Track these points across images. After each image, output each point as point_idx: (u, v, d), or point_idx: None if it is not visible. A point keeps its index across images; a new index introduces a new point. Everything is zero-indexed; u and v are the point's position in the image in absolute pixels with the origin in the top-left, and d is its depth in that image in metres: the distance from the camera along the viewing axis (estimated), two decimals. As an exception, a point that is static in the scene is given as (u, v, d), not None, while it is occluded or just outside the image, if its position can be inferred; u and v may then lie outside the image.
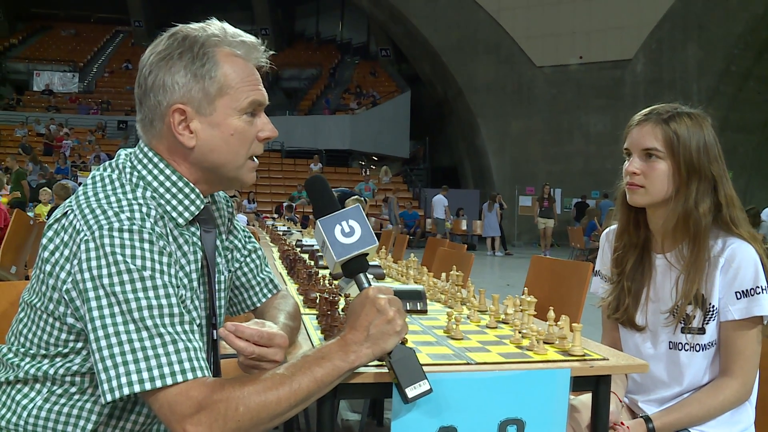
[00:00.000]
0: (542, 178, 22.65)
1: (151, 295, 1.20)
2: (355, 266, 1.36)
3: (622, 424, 1.69)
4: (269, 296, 1.72)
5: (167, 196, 1.37)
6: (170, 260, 1.27)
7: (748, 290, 1.71)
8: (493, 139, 23.92)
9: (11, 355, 1.36)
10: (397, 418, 1.35)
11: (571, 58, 22.70)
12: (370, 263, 3.00)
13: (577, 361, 1.52)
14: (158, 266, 1.23)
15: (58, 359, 1.31)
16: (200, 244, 1.43)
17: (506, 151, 23.85)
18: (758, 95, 20.99)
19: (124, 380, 1.14)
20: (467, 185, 26.45)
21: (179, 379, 1.16)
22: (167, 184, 1.38)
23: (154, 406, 1.18)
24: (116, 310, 1.17)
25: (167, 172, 1.38)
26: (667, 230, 1.81)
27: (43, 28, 40.06)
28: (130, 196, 1.31)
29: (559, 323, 1.66)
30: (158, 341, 1.17)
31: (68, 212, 1.29)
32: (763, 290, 1.70)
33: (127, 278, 1.19)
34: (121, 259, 1.20)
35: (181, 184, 1.39)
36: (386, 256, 3.81)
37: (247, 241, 1.71)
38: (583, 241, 15.77)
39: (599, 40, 22.20)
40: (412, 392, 1.26)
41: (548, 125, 23.21)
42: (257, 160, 1.46)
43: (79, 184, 15.63)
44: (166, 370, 1.16)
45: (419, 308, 2.15)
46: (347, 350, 1.25)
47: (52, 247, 1.28)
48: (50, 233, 1.30)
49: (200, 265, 1.42)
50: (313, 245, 4.73)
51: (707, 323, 1.76)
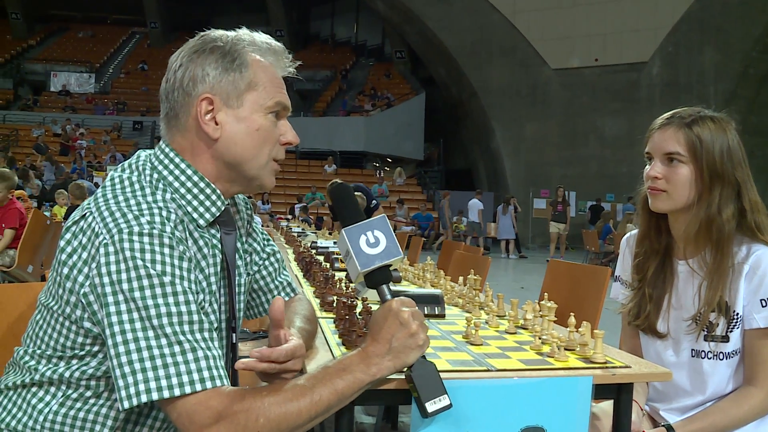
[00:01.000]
0: (557, 181, 22.53)
1: (171, 301, 1.19)
2: (378, 277, 1.34)
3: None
4: (287, 300, 1.71)
5: (188, 197, 1.36)
6: (190, 265, 1.26)
7: None
8: (507, 141, 23.85)
9: (27, 357, 1.36)
10: (416, 425, 1.34)
11: (586, 60, 22.59)
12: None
13: (598, 368, 1.51)
14: (178, 272, 1.22)
15: (74, 362, 1.30)
16: (220, 246, 1.42)
17: (521, 154, 23.77)
18: (776, 99, 20.81)
19: (142, 387, 1.13)
20: (481, 188, 26.35)
21: (198, 387, 1.15)
22: (188, 184, 1.37)
23: (172, 414, 1.16)
24: (135, 316, 1.16)
25: (189, 172, 1.37)
26: (689, 236, 1.79)
27: (60, 29, 40.37)
28: (149, 198, 1.30)
29: (580, 330, 1.64)
30: (177, 348, 1.16)
31: (87, 214, 1.28)
32: None
33: (146, 283, 1.18)
34: (141, 263, 1.19)
35: (202, 184, 1.38)
36: (402, 259, 3.79)
37: (265, 243, 1.70)
38: (597, 244, 15.67)
39: (615, 42, 22.08)
40: (432, 407, 1.25)
41: (563, 128, 23.10)
42: (280, 165, 1.46)
43: (95, 184, 15.73)
44: (185, 378, 1.14)
45: (437, 312, 2.13)
46: (369, 363, 1.25)
47: (69, 249, 1.27)
48: (68, 235, 1.29)
49: (220, 267, 1.41)
50: (328, 247, 4.73)
51: (731, 331, 1.74)
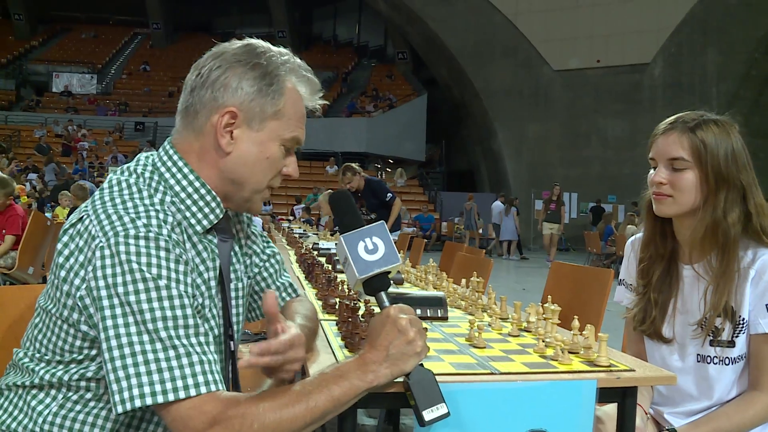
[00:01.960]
0: (559, 182, 22.56)
1: (166, 305, 1.18)
2: (377, 284, 1.33)
3: (648, 436, 1.66)
4: (288, 300, 1.71)
5: (188, 201, 1.35)
6: (186, 268, 1.25)
7: None
8: (509, 143, 23.85)
9: (27, 360, 1.35)
10: (419, 428, 1.33)
11: (588, 61, 22.58)
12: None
13: (603, 371, 1.49)
14: (174, 275, 1.21)
15: (72, 365, 1.29)
16: (217, 252, 1.41)
17: (523, 155, 23.76)
18: (779, 100, 20.79)
19: (136, 392, 1.12)
20: (483, 189, 26.36)
21: (192, 392, 1.14)
22: (189, 189, 1.36)
23: (166, 419, 1.15)
24: (130, 320, 1.15)
25: (191, 177, 1.36)
26: (695, 241, 1.77)
27: (63, 30, 40.41)
28: (147, 201, 1.29)
29: (584, 333, 1.63)
30: (172, 353, 1.15)
31: (84, 217, 1.28)
32: None
33: (142, 287, 1.17)
34: (136, 267, 1.18)
35: (203, 191, 1.37)
36: (404, 260, 3.79)
37: (265, 246, 1.70)
38: (599, 245, 15.65)
39: (617, 43, 22.07)
40: (429, 415, 1.24)
41: (565, 129, 23.10)
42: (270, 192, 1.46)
43: (96, 185, 15.74)
44: (179, 383, 1.13)
45: (440, 315, 2.12)
46: (366, 369, 1.23)
47: (67, 252, 1.26)
48: (65, 238, 1.28)
49: (218, 272, 1.41)
50: (330, 249, 4.72)
51: (737, 336, 1.72)
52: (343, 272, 3.33)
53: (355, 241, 1.32)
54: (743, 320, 1.71)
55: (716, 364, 1.75)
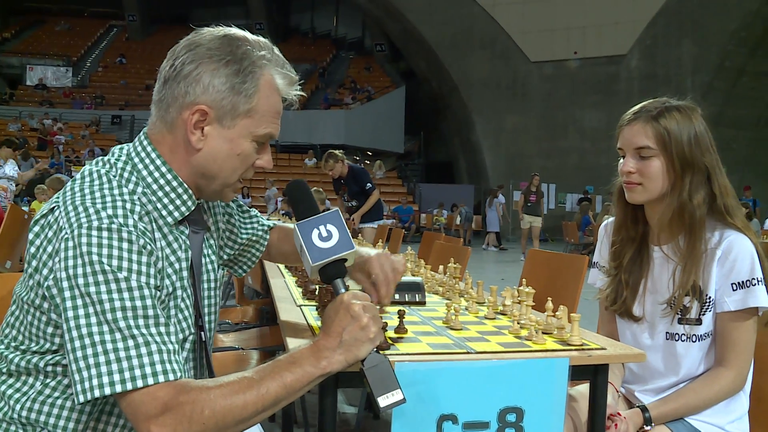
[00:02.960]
0: (537, 173, 22.70)
1: (126, 296, 1.19)
2: (332, 271, 1.35)
3: (619, 414, 1.71)
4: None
5: (159, 193, 1.36)
6: (150, 259, 1.26)
7: (744, 282, 1.73)
8: (487, 134, 23.96)
9: (2, 347, 1.36)
10: (398, 406, 1.37)
11: (566, 53, 22.72)
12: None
13: (575, 350, 1.55)
14: (135, 266, 1.22)
15: (48, 353, 1.31)
16: (188, 243, 1.43)
17: (501, 146, 23.88)
18: (752, 91, 21.04)
19: (95, 382, 1.14)
20: (462, 180, 26.49)
21: (150, 381, 1.15)
22: (161, 181, 1.37)
23: (122, 405, 1.17)
24: (90, 310, 1.17)
25: (163, 169, 1.38)
26: (663, 223, 1.83)
27: (36, 22, 39.89)
28: (116, 191, 1.30)
29: (557, 314, 1.68)
30: (131, 343, 1.16)
31: (54, 208, 1.29)
32: (758, 282, 1.72)
33: (102, 279, 1.18)
34: (96, 259, 1.19)
35: (175, 183, 1.38)
36: (383, 250, 3.82)
37: (247, 214, 1.75)
38: (577, 235, 15.82)
39: (594, 35, 22.23)
40: (384, 401, 1.23)
41: (543, 121, 23.24)
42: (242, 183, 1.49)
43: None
44: (137, 372, 1.15)
45: (418, 300, 2.16)
46: (319, 356, 1.25)
47: (38, 242, 1.28)
48: (36, 228, 1.29)
49: (190, 264, 1.42)
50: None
51: (704, 314, 1.78)
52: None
53: (309, 228, 1.34)
54: (710, 299, 1.77)
55: (684, 341, 1.81)
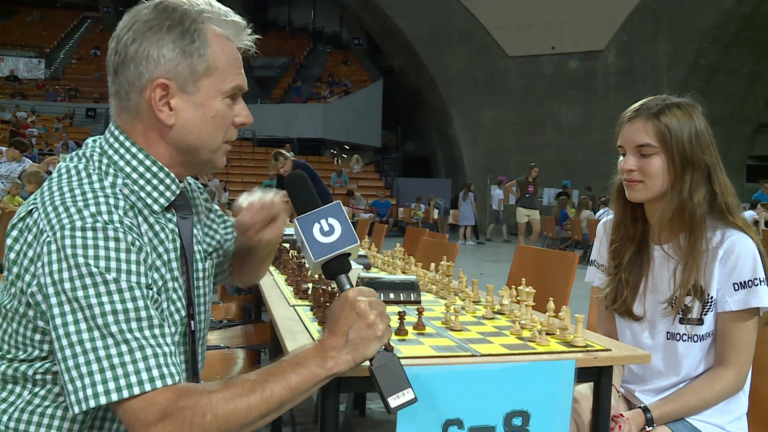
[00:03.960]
0: (514, 168, 22.77)
1: (116, 299, 1.13)
2: (335, 267, 1.28)
3: (621, 415, 1.70)
4: None
5: (141, 182, 1.31)
6: (139, 257, 1.20)
7: (746, 282, 1.72)
8: (465, 129, 24.00)
9: None
10: (403, 410, 1.33)
11: (543, 48, 22.80)
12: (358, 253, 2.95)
13: (580, 352, 1.52)
14: (124, 266, 1.16)
15: (37, 361, 1.25)
16: (178, 231, 1.38)
17: (478, 141, 23.94)
18: (725, 88, 21.29)
19: (90, 392, 1.09)
20: (439, 175, 26.53)
21: (147, 387, 1.10)
22: (140, 169, 1.31)
23: (118, 412, 1.12)
24: (79, 316, 1.11)
25: (140, 156, 1.32)
26: (663, 222, 1.82)
27: (7, 12, 39.10)
28: (96, 186, 1.24)
29: (560, 314, 1.66)
30: (124, 348, 1.11)
31: (33, 210, 1.23)
32: (761, 282, 1.71)
33: (89, 282, 1.12)
34: (82, 261, 1.13)
35: (155, 168, 1.32)
36: (370, 246, 3.79)
37: (225, 218, 1.68)
38: (555, 230, 15.90)
39: (571, 31, 22.32)
40: (394, 401, 1.18)
41: (521, 116, 23.33)
42: (231, 144, 1.42)
43: (48, 173, 15.33)
44: (132, 379, 1.10)
45: (413, 299, 2.13)
46: (325, 356, 1.20)
47: (17, 247, 1.21)
48: (15, 233, 1.23)
49: (179, 253, 1.37)
50: (292, 234, 4.68)
51: (705, 314, 1.77)
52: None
53: (309, 223, 1.28)
54: (711, 298, 1.76)
55: (685, 341, 1.80)
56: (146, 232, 1.28)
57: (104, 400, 1.09)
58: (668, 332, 1.82)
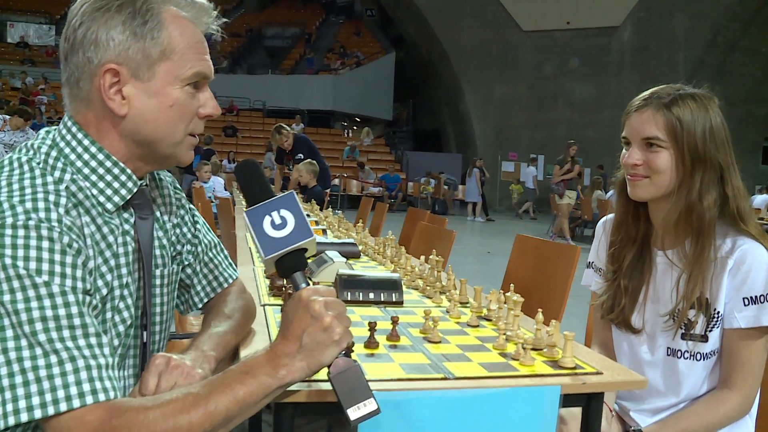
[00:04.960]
0: (525, 144, 22.51)
1: (46, 304, 1.01)
2: (289, 264, 1.16)
3: (613, 440, 1.54)
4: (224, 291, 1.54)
5: (93, 177, 1.19)
6: (76, 260, 1.08)
7: (757, 297, 1.54)
8: (476, 103, 23.70)
9: None
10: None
11: (558, 23, 22.38)
12: (346, 240, 2.80)
13: (567, 375, 1.36)
14: (58, 268, 1.04)
15: None
16: (133, 232, 1.25)
17: (490, 116, 23.65)
18: (743, 67, 20.84)
19: (9, 408, 0.98)
20: (450, 149, 26.29)
21: (76, 404, 0.99)
22: (93, 163, 1.19)
23: (47, 431, 1.01)
24: (5, 322, 1.00)
25: (92, 149, 1.20)
26: (668, 225, 1.64)
27: (17, -23, 38.86)
28: (39, 181, 1.11)
29: (549, 329, 1.50)
30: (53, 359, 1.00)
31: None
32: None
33: (17, 285, 1.00)
34: (9, 262, 1.01)
35: (109, 163, 1.20)
36: (363, 230, 3.64)
37: (206, 232, 1.52)
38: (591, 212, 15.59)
39: (587, 6, 21.87)
40: (354, 413, 1.06)
41: (532, 91, 22.99)
42: (197, 137, 1.28)
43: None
44: (60, 393, 0.99)
45: (395, 299, 1.97)
46: (277, 364, 1.08)
47: None
48: None
49: (132, 257, 1.24)
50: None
51: (710, 330, 1.60)
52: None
53: (259, 216, 1.16)
54: (718, 314, 1.59)
55: (687, 359, 1.63)
56: (92, 234, 1.16)
57: (26, 417, 0.98)
58: (669, 348, 1.65)
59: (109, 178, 1.20)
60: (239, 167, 1.25)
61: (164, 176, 1.43)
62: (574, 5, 22.03)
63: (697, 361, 1.62)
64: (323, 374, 1.11)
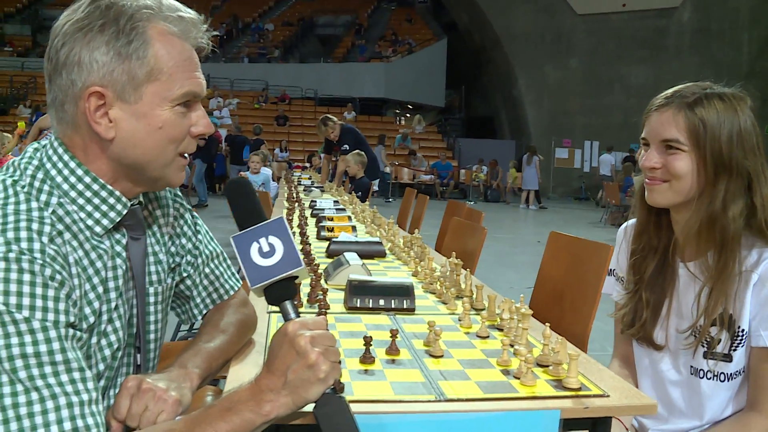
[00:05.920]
0: (579, 130, 22.04)
1: (27, 340, 0.97)
2: (277, 293, 1.11)
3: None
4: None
5: (80, 201, 1.15)
6: (59, 293, 1.03)
7: None
8: (530, 89, 23.31)
9: None
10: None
11: (613, 6, 21.79)
12: (372, 238, 2.71)
13: (569, 397, 1.27)
14: (39, 302, 1.00)
15: None
16: (125, 255, 1.21)
17: (543, 102, 23.23)
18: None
19: None
20: (503, 136, 25.97)
21: None
22: (80, 186, 1.15)
23: None
24: None
25: (79, 172, 1.15)
26: (689, 235, 1.52)
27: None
28: (23, 207, 1.07)
29: (553, 347, 1.41)
30: (34, 396, 0.96)
31: None
32: None
33: None
34: None
35: (96, 186, 1.16)
36: (391, 227, 3.58)
37: (207, 242, 1.48)
38: (618, 197, 15.30)
39: (645, -14, 21.27)
40: None
41: (587, 76, 22.48)
42: (188, 156, 1.23)
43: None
44: None
45: (406, 306, 1.91)
46: (261, 399, 1.03)
47: None
48: None
49: (123, 279, 1.20)
50: (323, 209, 4.52)
51: (734, 349, 1.47)
52: (326, 239, 3.13)
53: (246, 242, 1.11)
54: (743, 331, 1.46)
55: (710, 379, 1.51)
56: (79, 260, 1.13)
57: None
58: (692, 366, 1.54)
59: (96, 201, 1.16)
60: (228, 188, 1.20)
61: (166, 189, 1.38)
62: (630, -14, 21.44)
63: (720, 381, 1.49)
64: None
